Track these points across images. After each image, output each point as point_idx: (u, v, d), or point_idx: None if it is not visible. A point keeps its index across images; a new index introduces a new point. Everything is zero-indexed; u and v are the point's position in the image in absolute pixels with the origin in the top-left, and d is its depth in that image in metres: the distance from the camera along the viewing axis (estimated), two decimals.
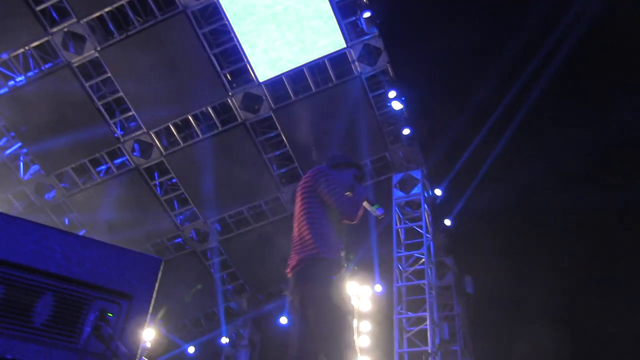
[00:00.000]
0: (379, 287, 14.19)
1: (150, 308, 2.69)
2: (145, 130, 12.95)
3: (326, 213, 4.07)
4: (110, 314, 2.58)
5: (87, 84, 12.32)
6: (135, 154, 13.25)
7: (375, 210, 4.26)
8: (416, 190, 12.99)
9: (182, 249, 14.95)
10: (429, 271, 12.30)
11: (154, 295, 2.73)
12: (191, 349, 15.81)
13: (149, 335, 14.08)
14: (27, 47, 11.82)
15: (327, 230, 4.03)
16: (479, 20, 13.06)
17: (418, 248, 12.81)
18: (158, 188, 13.94)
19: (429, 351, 11.27)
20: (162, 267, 2.84)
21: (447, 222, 13.60)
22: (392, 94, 12.33)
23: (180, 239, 14.85)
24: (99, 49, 11.81)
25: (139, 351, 2.60)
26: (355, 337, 3.93)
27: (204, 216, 14.26)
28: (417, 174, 13.04)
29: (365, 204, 4.21)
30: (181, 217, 14.53)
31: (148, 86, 12.40)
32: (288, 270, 4.08)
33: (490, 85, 12.86)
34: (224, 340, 15.70)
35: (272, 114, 12.86)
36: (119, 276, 2.66)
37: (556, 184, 14.49)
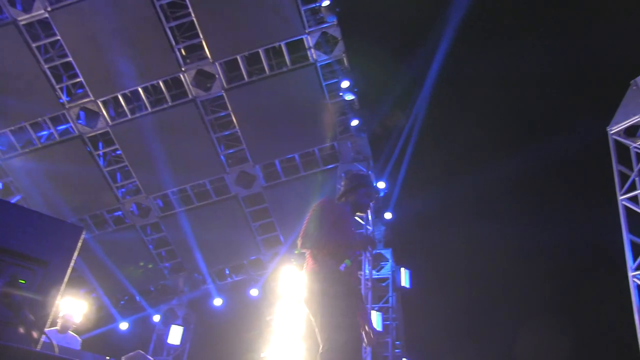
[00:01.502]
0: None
1: (67, 277, 2.62)
2: (92, 99, 12.61)
3: None
4: (23, 281, 2.49)
5: (33, 45, 11.89)
6: (80, 121, 12.90)
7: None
8: None
9: (121, 223, 14.66)
10: (367, 263, 12.40)
11: (72, 264, 2.65)
12: (123, 326, 15.59)
13: (79, 309, 13.78)
14: None
15: None
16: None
17: None
18: (101, 159, 13.62)
19: None
20: (82, 236, 2.76)
21: (388, 215, 13.74)
22: (345, 84, 12.34)
23: (120, 212, 14.55)
24: (49, 9, 11.38)
25: (50, 320, 2.53)
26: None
27: (147, 191, 14.02)
28: (363, 166, 13.10)
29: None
30: (123, 190, 14.25)
31: (99, 54, 12.02)
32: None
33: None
34: (156, 318, 15.55)
35: (224, 94, 12.71)
36: (35, 242, 2.57)
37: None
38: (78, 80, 12.48)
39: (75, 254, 2.69)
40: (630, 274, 9.92)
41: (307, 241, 4.04)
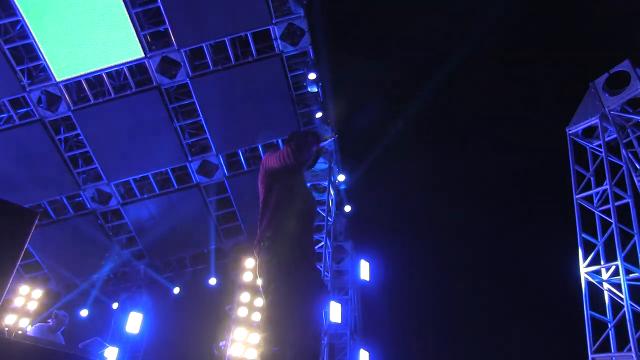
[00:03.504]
0: None
1: (19, 260, 2.65)
2: (54, 82, 12.43)
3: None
4: None
5: None
6: (41, 105, 12.71)
7: (330, 138, 4.31)
8: (324, 174, 13.15)
9: (81, 209, 14.51)
10: (327, 255, 12.52)
11: (24, 248, 2.68)
12: (83, 313, 15.50)
13: (36, 294, 13.67)
14: None
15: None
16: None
17: (320, 231, 13.01)
18: (62, 144, 13.44)
19: None
20: (36, 220, 2.79)
21: (347, 208, 13.89)
22: (311, 76, 12.40)
23: (80, 198, 14.40)
24: None
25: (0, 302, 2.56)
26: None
27: (108, 177, 13.89)
28: (326, 158, 13.20)
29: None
30: (84, 176, 14.09)
31: (61, 34, 11.82)
32: None
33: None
34: (115, 305, 15.47)
35: (189, 81, 12.66)
36: None
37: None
38: (39, 62, 12.27)
39: (28, 238, 2.72)
40: (583, 270, 10.26)
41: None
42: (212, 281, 15.42)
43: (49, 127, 13.05)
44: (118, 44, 12.03)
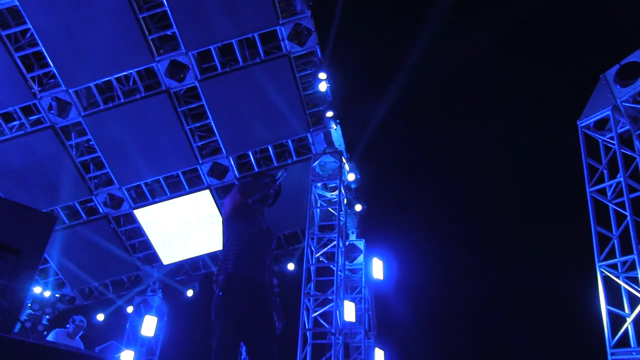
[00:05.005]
0: (291, 265, 14.41)
1: (39, 264, 2.67)
2: (64, 89, 12.51)
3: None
4: None
5: (3, 33, 11.73)
6: (52, 112, 12.79)
7: (281, 176, 4.68)
8: (334, 173, 13.15)
9: (93, 214, 14.59)
10: (339, 253, 12.52)
11: (44, 252, 2.71)
12: (100, 317, 15.63)
13: (51, 299, 13.79)
14: None
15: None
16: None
17: (332, 230, 13.03)
18: (73, 149, 13.51)
19: (333, 332, 11.52)
20: (55, 224, 2.82)
21: (358, 207, 13.87)
22: (322, 75, 12.38)
23: (92, 203, 14.48)
24: None
25: (23, 307, 2.58)
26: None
27: (120, 182, 13.96)
28: (336, 157, 13.19)
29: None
30: (95, 181, 14.17)
31: (71, 42, 11.89)
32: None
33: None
34: (130, 309, 15.53)
35: (198, 84, 12.70)
36: (7, 230, 2.62)
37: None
38: (50, 70, 12.36)
39: (48, 242, 2.74)
40: (598, 265, 10.19)
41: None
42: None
43: (60, 133, 13.13)
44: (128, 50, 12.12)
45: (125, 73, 12.58)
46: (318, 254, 12.93)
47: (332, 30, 12.34)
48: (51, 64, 12.13)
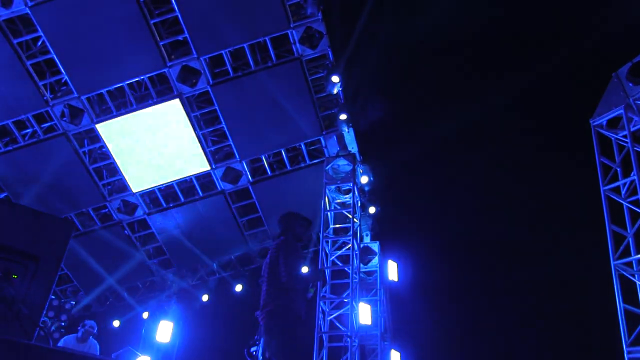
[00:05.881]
0: (305, 269, 14.33)
1: (57, 271, 2.65)
2: (76, 95, 12.56)
3: None
4: (15, 276, 2.53)
5: (15, 41, 11.78)
6: (64, 119, 12.84)
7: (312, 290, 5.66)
8: (348, 175, 13.10)
9: (108, 220, 14.63)
10: (354, 256, 12.47)
11: (63, 259, 2.69)
12: (116, 323, 15.67)
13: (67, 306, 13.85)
14: None
15: None
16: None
17: (346, 233, 12.99)
18: (87, 156, 13.55)
19: (349, 334, 11.47)
20: (72, 230, 2.80)
21: (372, 209, 13.81)
22: (335, 78, 12.32)
23: (106, 210, 14.52)
24: (30, 4, 11.25)
25: (42, 314, 2.57)
26: None
27: (133, 188, 13.99)
28: (349, 160, 13.14)
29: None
30: (109, 187, 14.20)
31: (82, 49, 11.95)
32: None
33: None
34: (145, 314, 15.54)
35: (210, 89, 12.71)
36: (26, 237, 2.61)
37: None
38: (61, 76, 12.42)
39: (66, 248, 2.73)
40: (613, 263, 10.10)
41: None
42: (238, 288, 15.50)
43: (73, 140, 13.17)
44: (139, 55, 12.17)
45: (137, 79, 12.62)
46: (333, 257, 12.88)
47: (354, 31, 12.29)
48: (63, 71, 12.19)
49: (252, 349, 12.54)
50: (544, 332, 14.89)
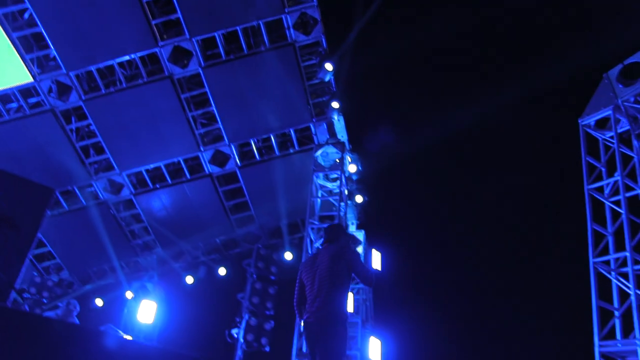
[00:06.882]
0: (289, 255, 14.38)
1: (35, 236, 2.64)
2: (65, 72, 12.42)
3: None
4: None
5: (0, 12, 11.50)
6: (52, 95, 12.70)
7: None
8: (336, 164, 13.09)
9: (93, 199, 14.52)
10: None
11: (42, 222, 2.67)
12: (99, 302, 15.61)
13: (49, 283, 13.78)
14: None
15: None
16: None
17: (332, 220, 12.97)
18: (73, 133, 13.42)
19: None
20: (52, 196, 2.78)
21: (359, 198, 13.82)
22: (328, 66, 12.27)
23: (92, 189, 14.41)
24: None
25: (19, 278, 2.55)
26: None
27: (120, 168, 13.89)
28: (339, 148, 13.13)
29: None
30: (95, 166, 14.09)
31: (72, 24, 11.77)
32: None
33: None
34: (128, 294, 15.47)
35: (201, 71, 12.63)
36: (5, 203, 2.58)
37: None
38: (49, 52, 12.23)
39: (45, 214, 2.71)
40: (592, 260, 10.19)
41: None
42: (222, 271, 15.47)
43: (60, 117, 13.04)
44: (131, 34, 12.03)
45: (128, 58, 12.49)
46: (317, 244, 12.89)
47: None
48: (51, 46, 11.99)
49: (233, 330, 12.59)
50: (522, 321, 15.04)
